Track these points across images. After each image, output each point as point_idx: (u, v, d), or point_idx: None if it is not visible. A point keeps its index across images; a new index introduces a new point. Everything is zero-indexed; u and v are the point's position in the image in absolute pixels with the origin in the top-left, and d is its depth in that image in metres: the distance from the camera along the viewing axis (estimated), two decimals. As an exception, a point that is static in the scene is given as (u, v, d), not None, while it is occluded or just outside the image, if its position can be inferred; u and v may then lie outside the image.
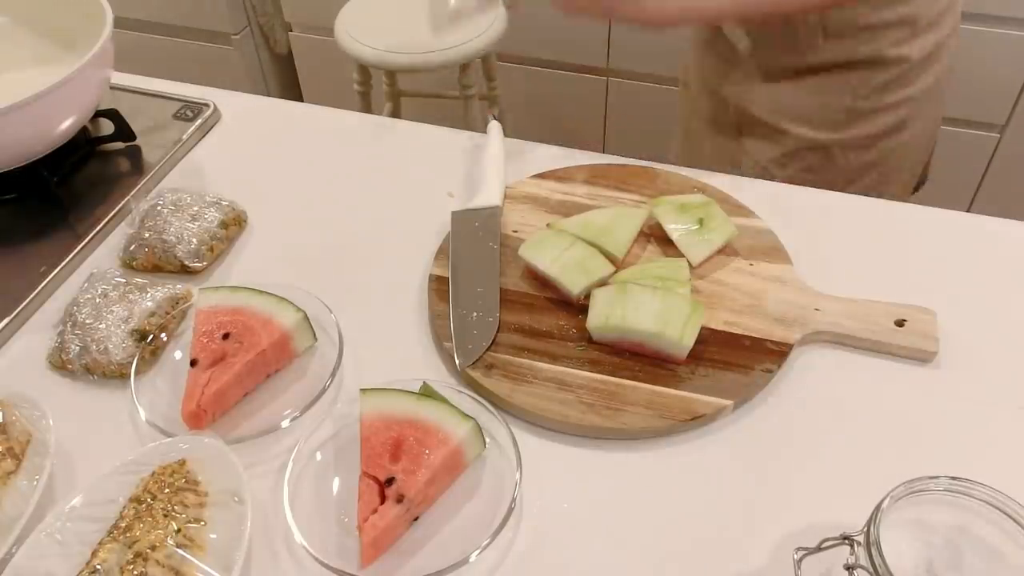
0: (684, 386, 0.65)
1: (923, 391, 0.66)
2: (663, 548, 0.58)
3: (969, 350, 0.69)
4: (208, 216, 0.80)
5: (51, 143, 0.84)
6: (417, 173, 0.89)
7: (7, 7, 0.95)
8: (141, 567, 0.54)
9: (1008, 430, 0.64)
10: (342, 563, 0.56)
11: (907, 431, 0.64)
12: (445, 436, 0.59)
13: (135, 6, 2.09)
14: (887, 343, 0.68)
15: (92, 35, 0.83)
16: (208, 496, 0.59)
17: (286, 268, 0.79)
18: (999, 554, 0.49)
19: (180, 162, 0.92)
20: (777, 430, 0.64)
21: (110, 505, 0.59)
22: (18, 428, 0.63)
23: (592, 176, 0.84)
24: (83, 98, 0.84)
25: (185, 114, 0.96)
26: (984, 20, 1.57)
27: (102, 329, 0.70)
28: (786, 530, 0.58)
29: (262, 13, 2.12)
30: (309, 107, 1.02)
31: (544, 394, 0.65)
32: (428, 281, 0.75)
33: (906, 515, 0.50)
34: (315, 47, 2.11)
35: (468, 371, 0.67)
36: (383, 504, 0.56)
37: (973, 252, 0.77)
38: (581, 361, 0.68)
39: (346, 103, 1.23)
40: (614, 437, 0.64)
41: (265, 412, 0.67)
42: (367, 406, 0.61)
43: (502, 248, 0.77)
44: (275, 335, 0.67)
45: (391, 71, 1.79)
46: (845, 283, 0.73)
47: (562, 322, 0.71)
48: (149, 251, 0.78)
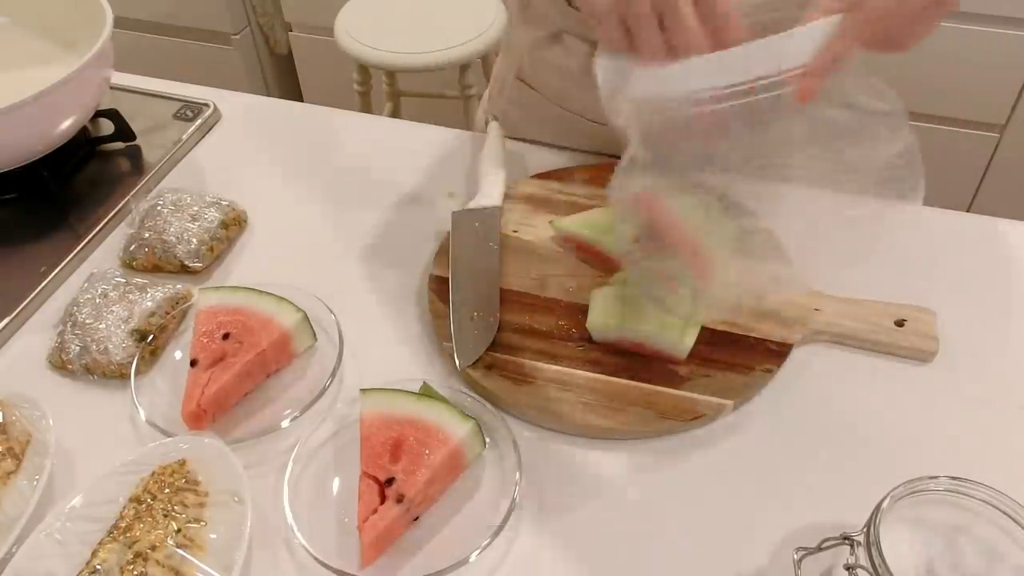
0: (684, 386, 0.65)
1: (923, 391, 0.66)
2: (663, 548, 0.58)
3: (969, 350, 0.69)
4: (208, 216, 0.80)
5: (51, 143, 0.84)
6: (417, 173, 0.89)
7: (7, 7, 0.95)
8: (141, 567, 0.54)
9: (1008, 430, 0.64)
10: (342, 563, 0.56)
11: (907, 431, 0.64)
12: (445, 436, 0.59)
13: (135, 6, 2.09)
14: (887, 343, 0.68)
15: (92, 35, 0.83)
16: (208, 496, 0.59)
17: (286, 268, 0.79)
18: (999, 554, 0.49)
19: (180, 162, 0.92)
20: (777, 430, 0.64)
21: (110, 505, 0.59)
22: (18, 428, 0.63)
23: (592, 176, 0.84)
24: (83, 98, 0.84)
25: (185, 114, 0.96)
26: (984, 20, 1.57)
27: (102, 329, 0.70)
28: (786, 530, 0.58)
29: (262, 13, 2.12)
30: (309, 107, 1.02)
31: (544, 394, 0.65)
32: (428, 281, 0.75)
33: (906, 515, 0.50)
34: (315, 47, 2.11)
35: (468, 371, 0.67)
36: (383, 504, 0.56)
37: (973, 252, 0.77)
38: (581, 361, 0.68)
39: (346, 103, 1.23)
40: (614, 437, 0.64)
41: (265, 412, 0.67)
42: (367, 406, 0.61)
43: (502, 248, 0.77)
44: (275, 335, 0.67)
45: (391, 71, 1.79)
46: (845, 283, 0.73)
47: (562, 322, 0.71)
48: (149, 251, 0.78)
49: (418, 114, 1.23)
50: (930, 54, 1.63)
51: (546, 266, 0.75)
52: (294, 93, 2.28)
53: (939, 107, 1.71)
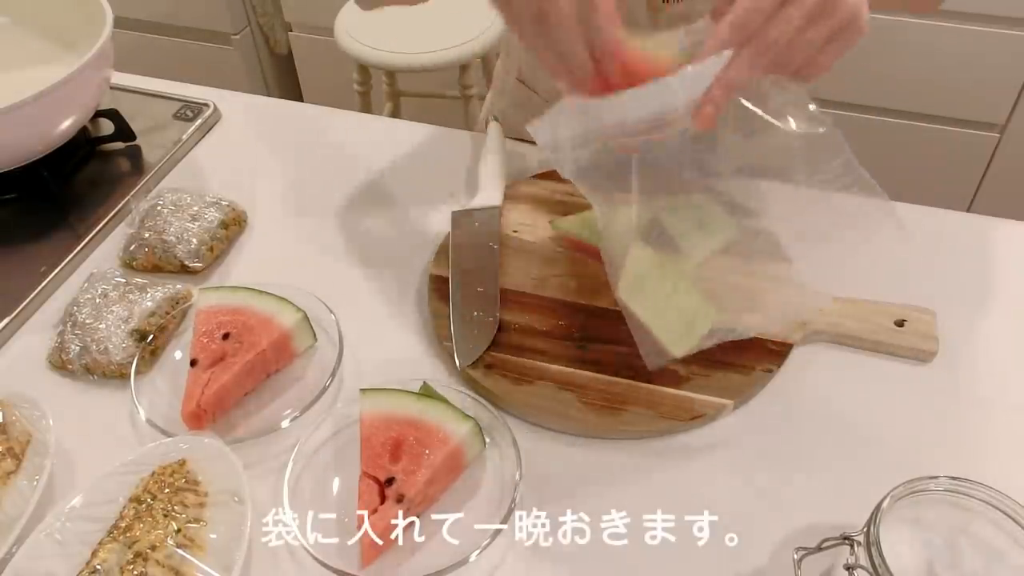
0: (684, 386, 0.65)
1: (923, 391, 0.66)
2: (663, 548, 0.58)
3: (969, 350, 0.69)
4: (208, 216, 0.80)
5: (51, 143, 0.84)
6: (417, 173, 0.89)
7: (7, 7, 0.95)
8: (141, 567, 0.54)
9: (1007, 430, 0.64)
10: (342, 563, 0.56)
11: (907, 431, 0.64)
12: (445, 436, 0.59)
13: (135, 6, 2.09)
14: (887, 343, 0.68)
15: (92, 35, 0.83)
16: (208, 496, 0.59)
17: (286, 268, 0.79)
18: (999, 554, 0.49)
19: (180, 162, 0.92)
20: (777, 430, 0.64)
21: (110, 505, 0.59)
22: (18, 428, 0.63)
23: (592, 176, 0.84)
24: (83, 98, 0.84)
25: (185, 114, 0.96)
26: (984, 20, 1.57)
27: (102, 329, 0.70)
28: (786, 530, 0.58)
29: (262, 13, 2.12)
30: (309, 107, 1.02)
31: (544, 394, 0.65)
32: (428, 281, 0.75)
33: (906, 515, 0.50)
34: (315, 47, 2.11)
35: (468, 371, 0.67)
36: (383, 504, 0.56)
37: (973, 252, 0.77)
38: (581, 361, 0.68)
39: (346, 103, 1.23)
40: (614, 437, 0.64)
41: (265, 412, 0.67)
42: (367, 406, 0.61)
43: (502, 248, 0.77)
44: (275, 335, 0.67)
45: (391, 71, 1.79)
46: (845, 283, 0.72)
47: (562, 322, 0.71)
48: (149, 251, 0.78)
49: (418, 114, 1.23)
50: (930, 54, 1.63)
51: (546, 266, 0.75)
52: (294, 93, 2.28)
53: (939, 107, 1.71)
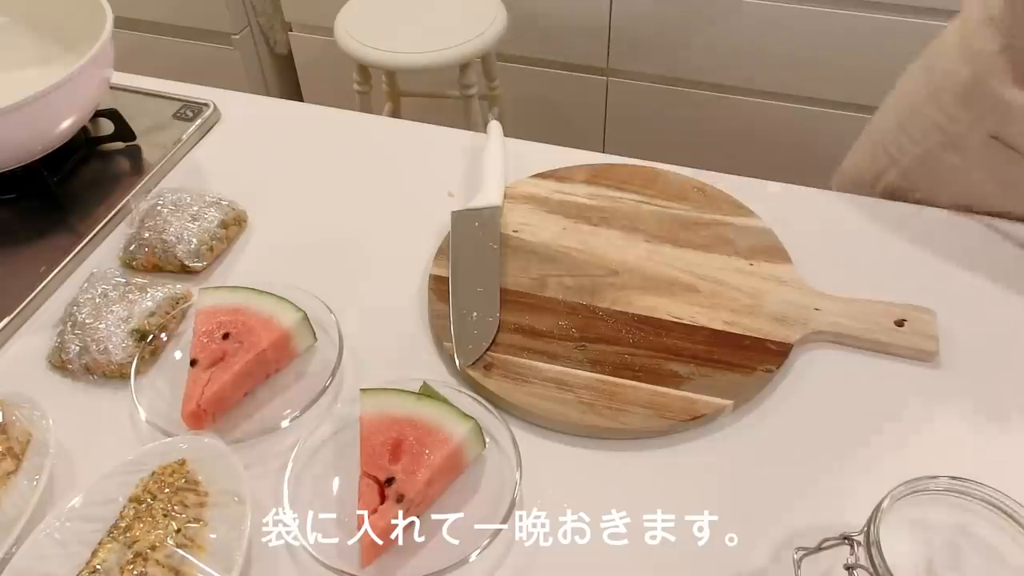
0: (684, 386, 0.65)
1: (923, 391, 0.66)
2: (663, 548, 0.58)
3: (969, 350, 0.69)
4: (208, 216, 0.80)
5: (51, 143, 0.84)
6: (417, 173, 0.89)
7: (7, 7, 0.95)
8: (141, 567, 0.54)
9: (1008, 430, 0.64)
10: (342, 563, 0.56)
11: (907, 431, 0.64)
12: (445, 436, 0.59)
13: (135, 6, 2.09)
14: (887, 343, 0.68)
15: (92, 35, 0.82)
16: (208, 496, 0.59)
17: (286, 268, 0.79)
18: (999, 554, 0.49)
19: (180, 162, 0.92)
20: (777, 430, 0.64)
21: (110, 505, 0.59)
22: (18, 428, 0.63)
23: (592, 176, 0.84)
24: (83, 98, 0.84)
25: (185, 114, 0.96)
26: (984, 20, 1.57)
27: (102, 329, 0.70)
28: (786, 530, 0.58)
29: (262, 13, 2.12)
30: (309, 107, 1.02)
31: (544, 394, 0.65)
32: (428, 281, 0.75)
33: (906, 515, 0.50)
34: (315, 47, 2.11)
35: (468, 371, 0.67)
36: (383, 504, 0.56)
37: (973, 252, 0.77)
38: (581, 361, 0.68)
39: (346, 103, 1.23)
40: (614, 437, 0.64)
41: (265, 412, 0.67)
42: (367, 406, 0.61)
43: (502, 248, 0.77)
44: (275, 335, 0.67)
45: (391, 71, 1.79)
46: (845, 283, 0.73)
47: (562, 322, 0.71)
48: (149, 251, 0.78)
49: (418, 114, 1.23)
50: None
51: (546, 266, 0.76)
52: (294, 93, 2.28)
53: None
